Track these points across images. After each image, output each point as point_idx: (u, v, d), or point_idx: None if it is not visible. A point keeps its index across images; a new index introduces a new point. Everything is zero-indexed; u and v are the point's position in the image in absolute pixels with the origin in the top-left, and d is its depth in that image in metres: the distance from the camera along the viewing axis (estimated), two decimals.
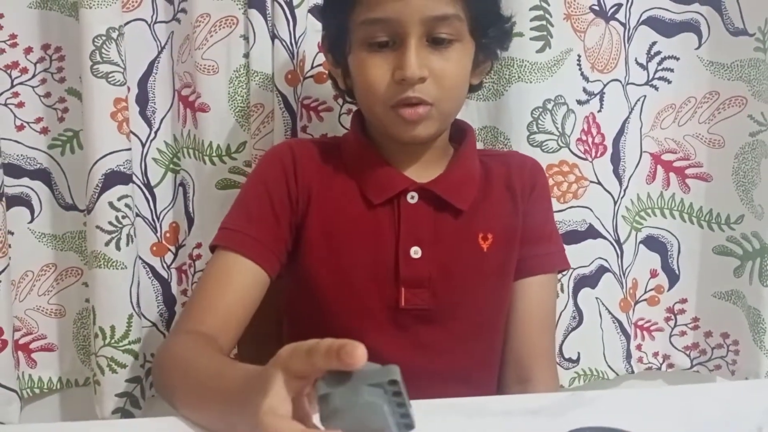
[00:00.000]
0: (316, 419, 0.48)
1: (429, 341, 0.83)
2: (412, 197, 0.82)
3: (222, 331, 0.76)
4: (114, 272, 1.00)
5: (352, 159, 0.85)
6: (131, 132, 1.02)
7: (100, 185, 0.98)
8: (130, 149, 1.01)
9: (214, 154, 1.04)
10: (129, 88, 1.02)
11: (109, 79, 0.97)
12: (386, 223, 0.82)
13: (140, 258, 1.07)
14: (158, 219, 1.11)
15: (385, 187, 0.82)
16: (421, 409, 0.45)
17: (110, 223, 0.99)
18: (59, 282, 1.11)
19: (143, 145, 1.08)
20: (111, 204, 0.99)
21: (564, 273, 1.08)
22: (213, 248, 0.83)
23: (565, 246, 0.96)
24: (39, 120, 1.07)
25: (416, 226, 0.82)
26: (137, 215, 1.06)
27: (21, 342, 1.10)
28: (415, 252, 0.81)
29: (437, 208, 0.83)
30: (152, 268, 1.11)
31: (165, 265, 1.12)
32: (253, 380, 0.51)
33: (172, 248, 1.12)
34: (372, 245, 0.82)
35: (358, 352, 0.43)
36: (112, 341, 1.02)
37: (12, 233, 1.06)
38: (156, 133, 1.09)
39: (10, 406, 1.04)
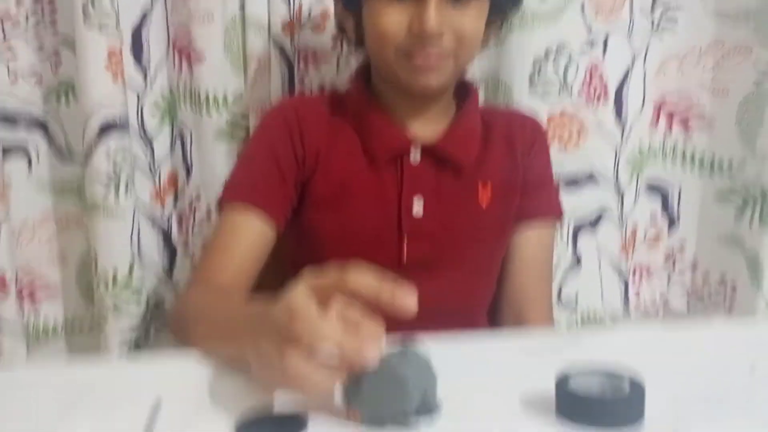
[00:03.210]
0: None
1: (429, 292, 0.83)
2: (415, 156, 0.83)
3: (234, 285, 0.78)
4: (113, 221, 1.01)
5: (356, 115, 0.85)
6: (127, 82, 1.01)
7: (96, 135, 0.98)
8: (125, 100, 1.00)
9: (210, 104, 1.03)
10: (123, 39, 1.00)
11: (103, 30, 0.96)
12: (390, 181, 0.83)
13: (139, 208, 1.07)
14: (156, 169, 1.10)
15: (389, 146, 0.83)
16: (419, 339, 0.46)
17: (107, 173, 0.99)
18: (60, 231, 1.12)
19: (139, 96, 1.07)
20: (108, 154, 0.99)
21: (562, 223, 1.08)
22: (220, 203, 0.83)
23: (566, 193, 0.97)
24: (34, 72, 1.06)
25: (419, 184, 0.82)
26: (135, 165, 1.06)
27: (25, 289, 1.11)
28: (417, 210, 0.82)
29: (439, 166, 0.83)
30: (152, 217, 1.11)
31: (165, 216, 1.12)
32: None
33: (171, 198, 1.12)
34: (376, 204, 0.83)
35: (409, 300, 0.44)
36: (115, 288, 1.03)
37: (10, 184, 1.06)
38: (152, 83, 1.08)
39: (17, 351, 1.06)
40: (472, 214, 0.85)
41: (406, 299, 0.44)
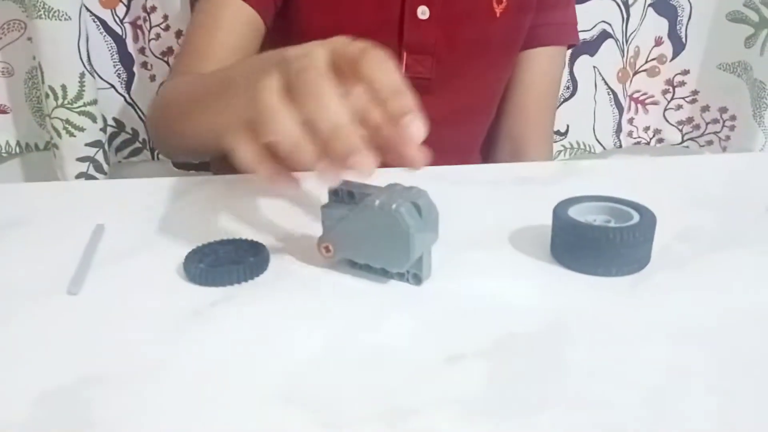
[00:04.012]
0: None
1: (426, 112, 0.76)
2: None
3: None
4: (57, 24, 0.89)
5: None
6: None
7: None
8: None
9: None
10: None
11: None
12: None
13: (87, 9, 0.95)
14: None
15: None
16: (409, 177, 0.40)
17: None
18: (1, 37, 0.99)
19: None
20: None
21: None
22: None
23: None
24: None
25: None
26: None
27: None
28: (423, 12, 0.72)
29: None
30: (103, 23, 0.99)
31: (117, 19, 0.99)
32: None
33: (124, 3, 0.99)
34: (375, 3, 0.72)
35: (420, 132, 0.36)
36: (65, 102, 0.93)
37: None
38: None
39: None
40: (483, 21, 0.75)
41: (417, 123, 0.37)
